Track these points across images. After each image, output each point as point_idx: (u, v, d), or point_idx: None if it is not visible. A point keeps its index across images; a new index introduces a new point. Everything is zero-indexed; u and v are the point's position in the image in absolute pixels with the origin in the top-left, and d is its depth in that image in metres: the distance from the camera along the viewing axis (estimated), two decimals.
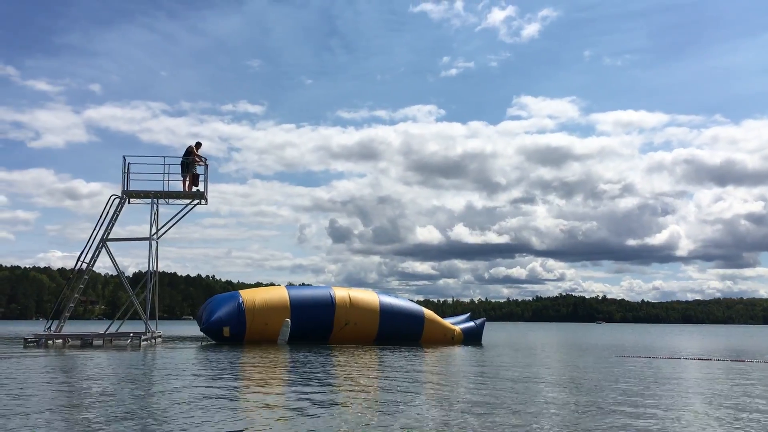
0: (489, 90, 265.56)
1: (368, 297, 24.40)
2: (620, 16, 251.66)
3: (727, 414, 7.26)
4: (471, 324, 26.29)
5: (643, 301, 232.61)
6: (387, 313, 23.98)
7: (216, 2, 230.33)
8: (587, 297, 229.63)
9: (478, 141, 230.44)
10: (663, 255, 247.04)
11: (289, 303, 23.07)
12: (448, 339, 24.72)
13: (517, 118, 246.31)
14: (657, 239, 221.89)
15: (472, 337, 25.62)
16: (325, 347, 20.25)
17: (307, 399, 8.14)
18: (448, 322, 25.91)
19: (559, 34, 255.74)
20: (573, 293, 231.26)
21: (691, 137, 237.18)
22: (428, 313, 25.16)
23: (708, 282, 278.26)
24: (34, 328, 37.49)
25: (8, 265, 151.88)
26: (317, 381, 10.29)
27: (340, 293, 23.89)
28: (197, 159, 23.55)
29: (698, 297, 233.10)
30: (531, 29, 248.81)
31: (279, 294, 23.62)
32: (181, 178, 23.46)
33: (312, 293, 24.13)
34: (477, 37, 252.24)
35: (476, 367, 13.66)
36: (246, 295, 23.47)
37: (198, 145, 23.72)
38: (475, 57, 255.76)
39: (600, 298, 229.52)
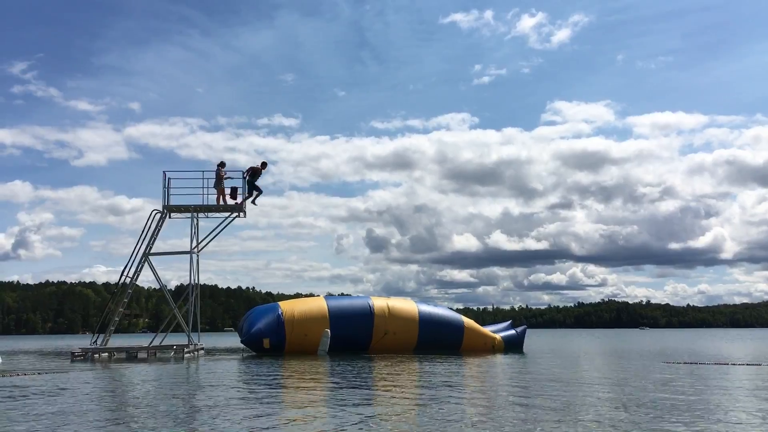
0: (522, 96, 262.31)
1: (407, 306, 24.34)
2: (652, 18, 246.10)
3: None
4: (512, 331, 25.99)
5: (688, 305, 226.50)
6: (426, 322, 23.87)
7: (248, 19, 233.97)
8: (630, 302, 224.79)
9: (513, 147, 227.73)
10: (707, 258, 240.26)
11: (328, 314, 23.14)
12: (488, 347, 24.47)
13: (552, 123, 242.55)
14: (700, 242, 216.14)
15: (514, 345, 25.31)
16: (365, 357, 20.23)
17: (348, 409, 8.12)
18: (488, 330, 25.68)
19: (591, 39, 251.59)
20: (615, 299, 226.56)
21: (732, 138, 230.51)
22: (468, 321, 24.99)
23: (756, 285, 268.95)
24: (81, 342, 38.36)
25: (55, 281, 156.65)
26: (359, 391, 10.27)
27: (379, 303, 23.88)
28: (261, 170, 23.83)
29: (746, 300, 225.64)
30: (561, 35, 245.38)
31: (318, 305, 23.71)
32: (221, 191, 23.44)
33: (351, 303, 24.18)
34: (507, 45, 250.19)
35: (518, 375, 13.47)
36: (285, 306, 23.64)
37: (264, 164, 24.03)
38: (506, 64, 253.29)
39: (644, 303, 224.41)
